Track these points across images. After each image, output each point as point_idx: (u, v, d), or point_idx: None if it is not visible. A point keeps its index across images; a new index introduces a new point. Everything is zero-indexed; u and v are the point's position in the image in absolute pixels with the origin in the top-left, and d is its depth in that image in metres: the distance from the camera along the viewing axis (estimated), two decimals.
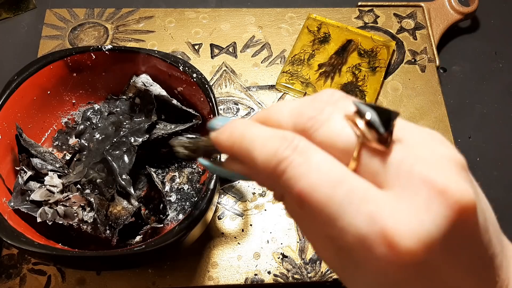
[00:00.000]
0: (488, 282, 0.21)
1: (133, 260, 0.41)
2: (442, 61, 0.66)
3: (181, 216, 0.49)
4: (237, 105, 0.59)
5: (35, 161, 0.46)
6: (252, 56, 0.63)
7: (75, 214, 0.44)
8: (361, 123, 0.20)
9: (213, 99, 0.46)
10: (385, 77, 0.62)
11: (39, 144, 0.50)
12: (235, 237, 0.51)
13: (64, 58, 0.48)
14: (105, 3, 0.67)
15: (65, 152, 0.51)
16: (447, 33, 0.68)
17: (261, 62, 0.63)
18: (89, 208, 0.45)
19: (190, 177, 0.51)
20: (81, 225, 0.45)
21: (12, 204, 0.43)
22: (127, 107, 0.52)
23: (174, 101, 0.49)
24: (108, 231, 0.46)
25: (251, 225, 0.52)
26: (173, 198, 0.50)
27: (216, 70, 0.62)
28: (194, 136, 0.30)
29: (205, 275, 0.49)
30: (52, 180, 0.45)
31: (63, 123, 0.52)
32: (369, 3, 0.69)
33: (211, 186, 0.41)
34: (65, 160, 0.50)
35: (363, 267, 0.19)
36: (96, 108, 0.53)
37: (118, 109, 0.52)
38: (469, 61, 0.68)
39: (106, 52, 0.49)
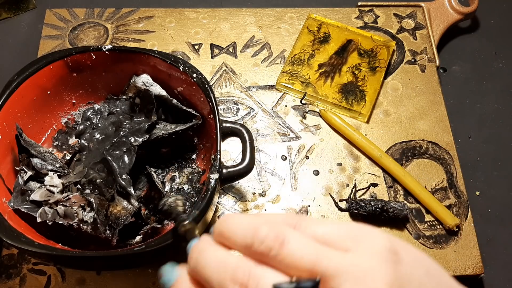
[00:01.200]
0: None
1: (133, 260, 0.41)
2: (442, 61, 0.66)
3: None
4: (237, 105, 0.59)
5: (35, 161, 0.46)
6: (252, 56, 0.63)
7: (75, 214, 0.44)
8: None
9: (213, 99, 0.46)
10: (385, 77, 0.62)
11: (39, 144, 0.50)
12: None
13: (64, 58, 0.48)
14: (105, 3, 0.67)
15: (65, 152, 0.51)
16: (447, 33, 0.68)
17: (261, 62, 0.63)
18: (89, 208, 0.45)
19: (190, 177, 0.51)
20: (81, 225, 0.45)
21: (12, 204, 0.43)
22: (127, 107, 0.52)
23: (174, 101, 0.49)
24: (108, 231, 0.46)
25: None
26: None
27: (216, 70, 0.62)
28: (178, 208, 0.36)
29: None
30: (52, 180, 0.45)
31: (63, 123, 0.52)
32: (369, 3, 0.68)
33: (211, 186, 0.41)
34: (65, 160, 0.50)
35: None
36: (96, 108, 0.53)
37: (118, 109, 0.52)
38: (469, 61, 0.68)
39: (106, 52, 0.49)
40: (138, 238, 0.47)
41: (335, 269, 0.21)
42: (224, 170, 0.43)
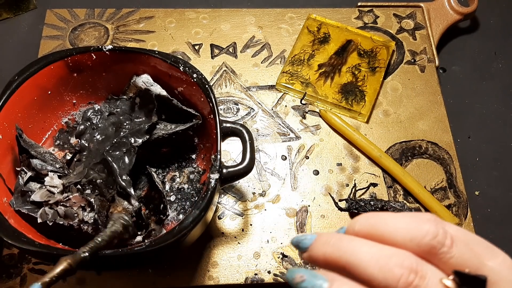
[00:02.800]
0: None
1: (133, 260, 0.41)
2: (442, 61, 0.66)
3: (181, 216, 0.49)
4: (237, 105, 0.59)
5: (35, 162, 0.46)
6: (252, 56, 0.63)
7: (76, 215, 0.44)
8: None
9: (213, 99, 0.46)
10: (384, 77, 0.62)
11: (40, 144, 0.50)
12: (235, 237, 0.51)
13: (65, 58, 0.48)
14: (105, 3, 0.68)
15: (66, 151, 0.51)
16: (446, 33, 0.68)
17: (261, 62, 0.63)
18: (89, 209, 0.45)
19: (190, 177, 0.51)
20: (81, 225, 0.45)
21: (13, 205, 0.43)
22: (128, 107, 0.52)
23: (175, 101, 0.50)
24: None
25: (251, 224, 0.52)
26: (173, 198, 0.50)
27: (216, 70, 0.62)
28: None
29: (205, 274, 0.49)
30: (52, 180, 0.45)
31: (63, 123, 0.52)
32: (369, 4, 0.69)
33: (211, 186, 0.41)
34: (65, 160, 0.50)
35: None
36: (96, 108, 0.53)
37: (118, 109, 0.52)
38: (469, 61, 0.68)
39: (107, 52, 0.49)
40: (138, 238, 0.47)
41: (494, 276, 0.21)
42: (224, 170, 0.43)
